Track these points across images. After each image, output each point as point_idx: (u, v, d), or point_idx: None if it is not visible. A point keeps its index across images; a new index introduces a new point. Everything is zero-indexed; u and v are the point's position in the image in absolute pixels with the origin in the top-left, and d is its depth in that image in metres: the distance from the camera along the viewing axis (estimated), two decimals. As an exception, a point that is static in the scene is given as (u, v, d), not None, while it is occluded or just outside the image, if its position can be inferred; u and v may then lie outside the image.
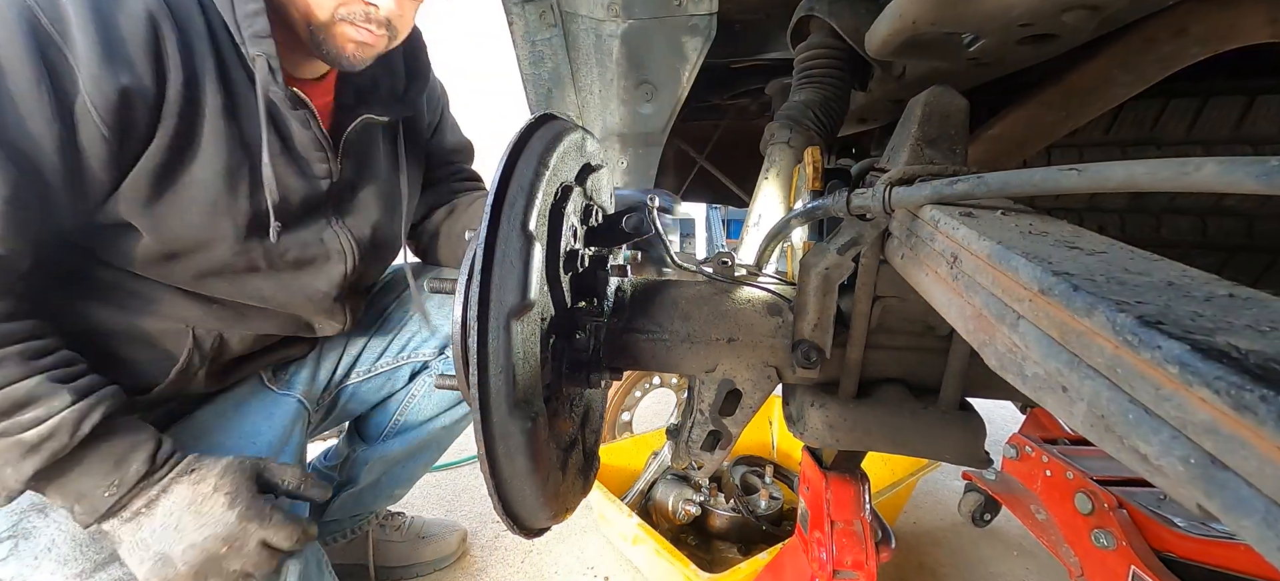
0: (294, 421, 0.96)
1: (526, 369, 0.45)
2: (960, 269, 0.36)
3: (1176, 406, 0.19)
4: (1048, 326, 0.27)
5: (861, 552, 0.68)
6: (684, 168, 1.68)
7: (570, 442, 0.57)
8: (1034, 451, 1.32)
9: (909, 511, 1.62)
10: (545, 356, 0.50)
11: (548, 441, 0.48)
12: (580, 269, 0.56)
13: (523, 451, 0.45)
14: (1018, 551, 1.48)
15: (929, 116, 0.51)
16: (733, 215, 4.06)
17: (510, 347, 0.43)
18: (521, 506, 0.48)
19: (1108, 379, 0.23)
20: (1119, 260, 0.29)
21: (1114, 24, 0.64)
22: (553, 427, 0.51)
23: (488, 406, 0.43)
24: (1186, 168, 0.24)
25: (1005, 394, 0.58)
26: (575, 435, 0.59)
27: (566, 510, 0.55)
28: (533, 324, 0.46)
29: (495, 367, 0.43)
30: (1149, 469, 0.21)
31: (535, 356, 0.47)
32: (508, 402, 0.43)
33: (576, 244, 0.55)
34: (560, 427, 0.55)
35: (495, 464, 0.45)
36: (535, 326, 0.47)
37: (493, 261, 0.44)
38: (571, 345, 0.55)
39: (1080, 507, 1.14)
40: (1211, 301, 0.23)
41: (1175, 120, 1.00)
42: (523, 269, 0.44)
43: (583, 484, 0.60)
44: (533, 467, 0.46)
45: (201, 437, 0.85)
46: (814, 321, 0.56)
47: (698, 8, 1.00)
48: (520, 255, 0.44)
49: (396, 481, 1.22)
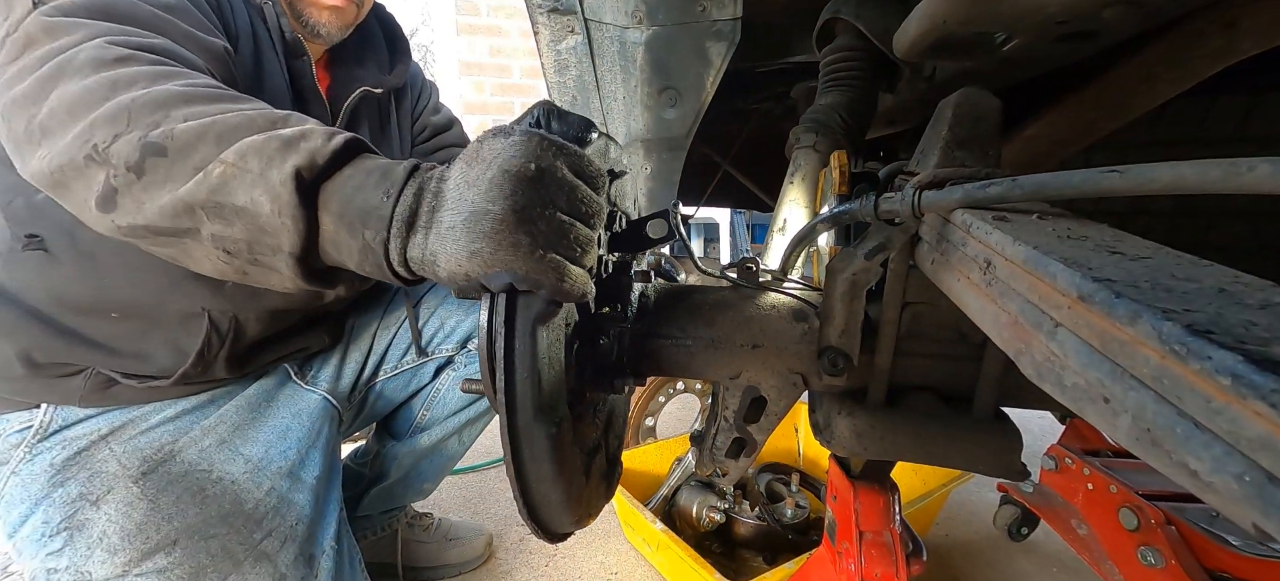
0: (322, 418, 0.98)
1: (551, 374, 0.45)
2: (994, 275, 0.35)
3: (1229, 420, 0.18)
4: (1088, 335, 0.26)
5: (891, 565, 0.67)
6: (708, 172, 1.67)
7: (594, 447, 0.57)
8: (1074, 463, 1.27)
9: (941, 523, 1.57)
10: (569, 361, 0.50)
11: (572, 447, 0.48)
12: (604, 275, 0.56)
13: (547, 456, 0.45)
14: (1057, 567, 1.42)
15: (960, 118, 0.50)
16: (757, 220, 4.04)
17: (536, 352, 0.44)
18: (546, 510, 0.49)
19: (1154, 390, 0.22)
20: (1165, 265, 0.28)
21: (1157, 19, 0.61)
22: (577, 432, 0.51)
23: (514, 411, 0.44)
24: (1238, 168, 0.23)
25: (1043, 404, 0.56)
26: (598, 440, 0.59)
27: (590, 515, 0.55)
28: (557, 329, 0.47)
29: (521, 372, 0.43)
30: (1200, 486, 0.20)
31: (560, 361, 0.47)
32: (533, 407, 0.44)
33: (600, 250, 0.56)
34: (584, 432, 0.55)
35: (521, 468, 0.45)
36: (560, 332, 0.47)
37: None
38: (595, 350, 0.56)
39: (1125, 523, 1.09)
40: (1267, 310, 0.22)
41: (1225, 118, 0.95)
42: None
43: (606, 489, 0.60)
44: (557, 472, 0.46)
45: (233, 433, 0.86)
46: (841, 327, 0.55)
47: (722, 12, 1.00)
48: None
49: (425, 475, 1.25)
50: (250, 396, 0.92)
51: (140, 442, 0.81)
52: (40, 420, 0.79)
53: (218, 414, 0.87)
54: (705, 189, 1.70)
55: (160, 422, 0.83)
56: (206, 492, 0.81)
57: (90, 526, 0.75)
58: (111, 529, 0.75)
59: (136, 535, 0.75)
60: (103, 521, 0.75)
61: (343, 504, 0.96)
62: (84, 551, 0.74)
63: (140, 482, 0.78)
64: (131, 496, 0.77)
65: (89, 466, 0.78)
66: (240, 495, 0.83)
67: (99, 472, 0.78)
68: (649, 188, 1.25)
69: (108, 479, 0.78)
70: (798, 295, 0.61)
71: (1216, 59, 0.67)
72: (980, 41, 0.66)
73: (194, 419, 0.85)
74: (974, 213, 0.40)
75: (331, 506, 0.93)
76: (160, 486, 0.79)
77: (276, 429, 0.91)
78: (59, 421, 0.80)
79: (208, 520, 0.79)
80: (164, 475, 0.80)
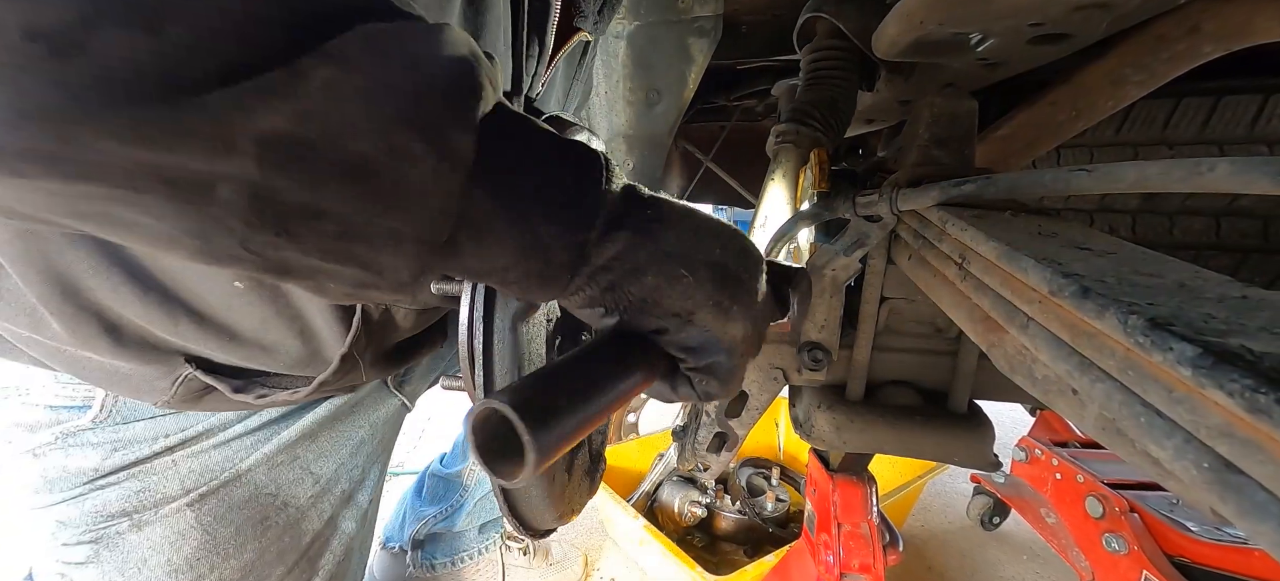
0: (395, 427, 0.82)
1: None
2: (968, 270, 0.36)
3: (1190, 409, 0.19)
4: (1058, 328, 0.26)
5: (869, 555, 0.68)
6: (690, 169, 1.68)
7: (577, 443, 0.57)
8: (1044, 454, 1.31)
9: (917, 514, 1.61)
10: (551, 357, 0.50)
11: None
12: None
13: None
14: (1027, 555, 1.46)
15: (937, 117, 0.51)
16: (739, 216, 4.06)
17: (517, 350, 0.43)
18: (527, 508, 0.49)
19: (1119, 381, 0.22)
20: (1130, 261, 0.29)
21: (1126, 22, 0.63)
22: None
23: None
24: (1200, 168, 0.24)
25: (1014, 396, 0.58)
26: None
27: (573, 511, 0.55)
28: (539, 326, 0.46)
29: (500, 370, 0.43)
30: (1162, 473, 0.21)
31: (541, 358, 0.47)
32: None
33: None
34: None
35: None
36: (541, 328, 0.47)
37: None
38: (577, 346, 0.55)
39: (1091, 511, 1.13)
40: (1225, 303, 0.23)
41: (1188, 119, 0.99)
42: None
43: (589, 484, 0.60)
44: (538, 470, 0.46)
45: (308, 445, 0.68)
46: (821, 323, 0.56)
47: (703, 10, 1.00)
48: None
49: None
50: (336, 401, 0.71)
51: (213, 459, 0.61)
52: (98, 403, 0.57)
53: (300, 423, 0.67)
54: (687, 185, 1.70)
55: (243, 432, 0.63)
56: (268, 522, 0.65)
57: (123, 546, 0.59)
58: (155, 559, 0.60)
59: (185, 571, 0.60)
60: (144, 547, 0.60)
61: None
62: (114, 574, 0.59)
63: (197, 507, 0.61)
64: (185, 525, 0.60)
65: (142, 479, 0.59)
66: (302, 526, 0.67)
67: (152, 489, 0.60)
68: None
69: (160, 498, 0.60)
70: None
71: (1180, 62, 0.69)
72: (956, 42, 0.67)
73: (275, 428, 0.66)
74: (950, 210, 0.40)
75: (370, 533, 0.80)
76: (219, 514, 0.62)
77: (351, 441, 0.73)
78: (120, 414, 0.58)
79: (264, 558, 0.65)
80: (225, 499, 0.62)
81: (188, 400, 0.58)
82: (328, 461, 0.70)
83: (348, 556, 0.74)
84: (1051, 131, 0.84)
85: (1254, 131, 0.96)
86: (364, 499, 0.76)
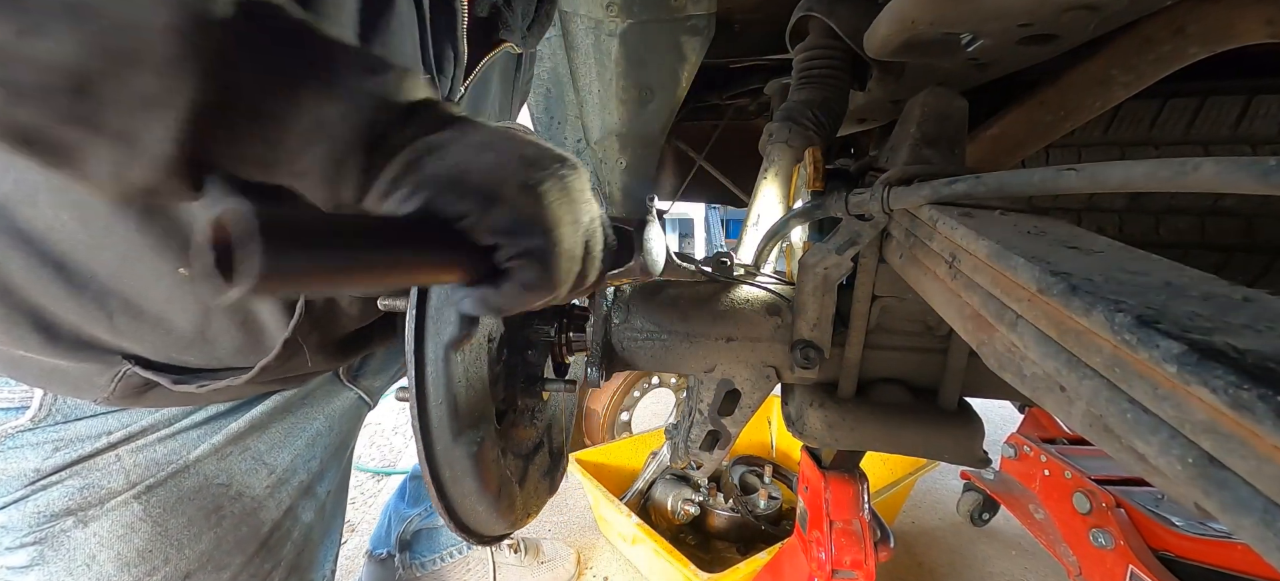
0: (353, 420, 0.81)
1: (470, 394, 0.46)
2: (958, 268, 0.36)
3: (1174, 405, 0.19)
4: (1046, 326, 0.27)
5: (860, 552, 0.68)
6: (683, 167, 1.68)
7: (533, 448, 0.57)
8: (1032, 451, 1.32)
9: (908, 510, 1.62)
10: (496, 373, 0.50)
11: (497, 460, 0.49)
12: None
13: (470, 474, 0.46)
14: (1016, 550, 1.48)
15: (928, 117, 0.51)
16: (732, 215, 4.07)
17: (450, 377, 0.44)
18: (473, 520, 0.50)
19: (1106, 378, 0.23)
20: (1117, 260, 0.29)
21: (1113, 24, 0.64)
22: (510, 438, 0.51)
23: (429, 437, 0.44)
24: (1185, 168, 0.24)
25: (1004, 393, 0.58)
26: (540, 439, 0.59)
27: (527, 516, 0.55)
28: (478, 348, 0.47)
29: (434, 399, 0.44)
30: (1147, 468, 0.21)
31: (481, 379, 0.47)
32: (451, 431, 0.44)
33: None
34: (519, 436, 0.55)
35: (443, 489, 0.46)
36: (480, 350, 0.47)
37: (427, 293, 0.44)
38: (524, 360, 0.56)
39: (1078, 507, 1.14)
40: (1209, 301, 0.23)
41: (1174, 120, 1.00)
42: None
43: (548, 485, 0.60)
44: (481, 487, 0.47)
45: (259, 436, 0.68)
46: (813, 321, 0.56)
47: (697, 8, 1.00)
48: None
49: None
50: (286, 393, 0.72)
51: (158, 452, 0.61)
52: (37, 403, 0.57)
53: (248, 415, 0.67)
54: (680, 184, 1.70)
55: (189, 425, 0.63)
56: (223, 512, 0.64)
57: (68, 544, 0.58)
58: (104, 554, 0.58)
59: (138, 563, 0.59)
60: (91, 543, 0.58)
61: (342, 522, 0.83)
62: (63, 574, 0.57)
63: (144, 499, 0.61)
64: (132, 517, 0.60)
65: (85, 475, 0.58)
66: (259, 516, 0.67)
67: (96, 485, 0.58)
68: (624, 182, 1.25)
69: (105, 493, 0.59)
70: (771, 289, 0.62)
71: (1166, 63, 0.70)
72: (947, 42, 0.67)
73: (222, 421, 0.65)
74: (940, 208, 0.41)
75: (337, 525, 0.81)
76: (169, 505, 0.61)
77: (307, 433, 0.73)
78: (61, 413, 0.58)
79: (222, 547, 0.64)
80: (174, 490, 0.61)
81: (128, 396, 0.57)
82: (282, 452, 0.69)
83: (308, 545, 0.74)
84: (1040, 131, 0.85)
85: (1238, 131, 0.97)
86: (323, 491, 0.76)
